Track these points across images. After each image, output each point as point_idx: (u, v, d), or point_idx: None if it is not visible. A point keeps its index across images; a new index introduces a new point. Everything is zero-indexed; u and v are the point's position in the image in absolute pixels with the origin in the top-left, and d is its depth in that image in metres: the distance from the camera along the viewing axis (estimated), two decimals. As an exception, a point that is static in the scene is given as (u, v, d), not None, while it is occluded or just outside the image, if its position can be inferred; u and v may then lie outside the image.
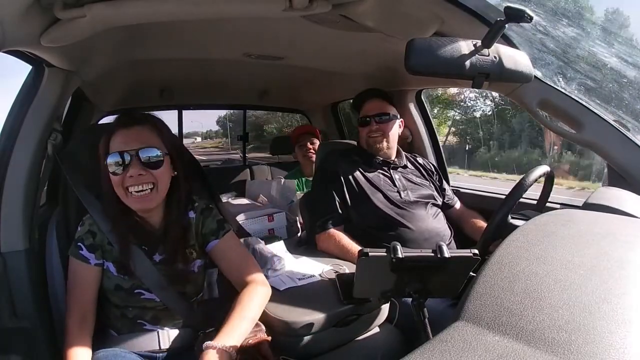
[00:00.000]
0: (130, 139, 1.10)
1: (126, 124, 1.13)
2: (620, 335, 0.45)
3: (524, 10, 0.94)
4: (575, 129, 1.26)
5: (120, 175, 1.08)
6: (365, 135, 1.84)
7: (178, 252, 1.17)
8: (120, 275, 1.14)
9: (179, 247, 1.18)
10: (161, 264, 1.17)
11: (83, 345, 1.07)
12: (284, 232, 2.05)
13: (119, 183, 1.09)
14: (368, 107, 1.86)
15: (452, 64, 0.99)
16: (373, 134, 1.82)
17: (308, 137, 2.87)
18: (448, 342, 0.46)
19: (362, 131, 1.86)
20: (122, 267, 1.14)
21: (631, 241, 0.67)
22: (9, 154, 1.17)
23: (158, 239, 1.18)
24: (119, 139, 1.10)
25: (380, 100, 1.87)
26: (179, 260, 1.17)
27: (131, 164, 1.08)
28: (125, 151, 1.08)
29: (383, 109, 1.84)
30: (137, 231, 1.16)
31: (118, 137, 1.11)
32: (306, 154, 2.83)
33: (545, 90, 1.26)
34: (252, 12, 1.14)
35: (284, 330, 1.14)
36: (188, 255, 1.20)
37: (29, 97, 1.21)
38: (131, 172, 1.07)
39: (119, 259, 1.14)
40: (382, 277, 0.98)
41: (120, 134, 1.11)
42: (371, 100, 1.88)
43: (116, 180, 1.09)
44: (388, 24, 1.30)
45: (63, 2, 0.96)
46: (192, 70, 2.28)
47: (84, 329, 1.09)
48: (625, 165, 1.21)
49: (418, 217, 1.69)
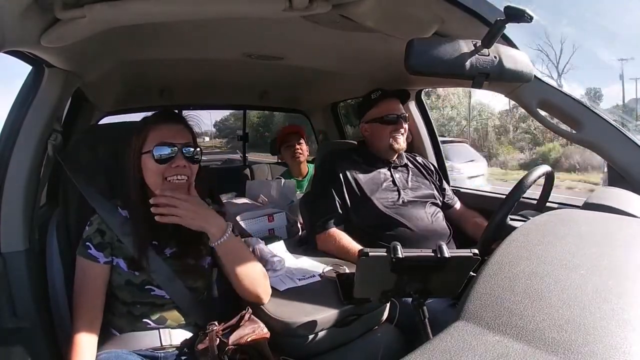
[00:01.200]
0: (174, 134, 1.17)
1: (169, 120, 1.21)
2: (620, 335, 0.45)
3: (524, 10, 0.95)
4: (576, 129, 1.26)
5: (165, 165, 1.14)
6: (388, 133, 1.81)
7: (191, 246, 1.22)
8: (131, 271, 1.16)
9: (192, 241, 1.22)
10: (172, 258, 1.20)
11: (90, 346, 1.09)
12: (284, 232, 2.05)
13: (160, 172, 1.15)
14: (391, 106, 1.84)
15: (452, 64, 0.99)
16: (399, 132, 1.81)
17: (294, 137, 2.85)
18: (448, 341, 0.46)
19: (383, 129, 1.82)
20: (133, 263, 1.16)
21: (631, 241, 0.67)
22: (9, 155, 1.17)
23: (170, 233, 1.21)
24: (165, 132, 1.17)
25: (398, 101, 1.87)
26: (191, 255, 1.22)
27: (177, 156, 1.15)
28: (173, 144, 1.15)
29: (403, 109, 1.86)
30: (153, 226, 1.19)
31: (163, 131, 1.17)
32: (294, 155, 2.82)
33: (545, 90, 1.26)
34: (252, 12, 1.14)
35: (284, 331, 1.15)
36: (200, 250, 1.24)
37: (28, 98, 1.21)
38: (177, 162, 1.15)
39: (130, 255, 1.16)
40: (382, 277, 0.98)
41: (165, 129, 1.17)
42: (392, 99, 1.86)
43: (159, 169, 1.15)
44: (388, 24, 1.30)
45: (63, 2, 0.96)
46: (192, 70, 2.28)
47: (92, 330, 1.11)
48: (625, 165, 1.21)
49: (418, 217, 1.69)
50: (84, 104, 1.98)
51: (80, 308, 1.12)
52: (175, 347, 1.17)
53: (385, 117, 1.82)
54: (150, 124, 1.19)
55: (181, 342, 1.18)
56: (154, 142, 1.15)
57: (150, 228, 1.18)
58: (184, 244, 1.22)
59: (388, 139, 1.82)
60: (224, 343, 1.07)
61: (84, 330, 1.09)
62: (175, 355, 1.17)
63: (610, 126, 1.21)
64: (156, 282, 1.17)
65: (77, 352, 1.06)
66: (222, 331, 1.10)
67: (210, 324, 1.12)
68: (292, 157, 2.84)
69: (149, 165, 1.16)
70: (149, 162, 1.15)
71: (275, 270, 1.40)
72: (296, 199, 2.31)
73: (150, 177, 1.16)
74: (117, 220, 1.18)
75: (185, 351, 1.17)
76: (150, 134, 1.17)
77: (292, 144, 2.82)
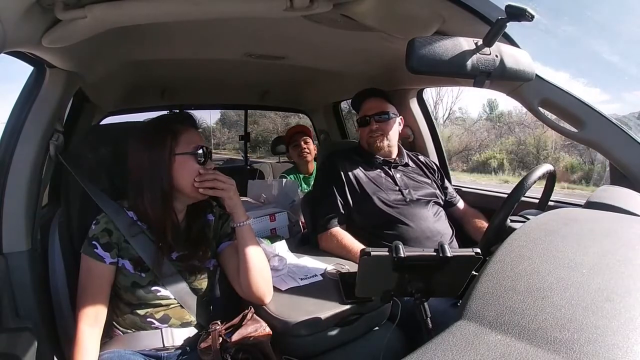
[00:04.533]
0: (200, 137, 1.24)
1: (195, 125, 1.26)
2: (623, 334, 0.45)
3: (525, 8, 0.94)
4: (577, 128, 1.25)
5: (201, 165, 1.19)
6: (365, 135, 1.84)
7: (198, 248, 1.24)
8: (137, 272, 1.16)
9: (199, 243, 1.25)
10: (179, 260, 1.22)
11: (93, 346, 1.09)
12: (286, 232, 2.05)
13: (196, 172, 1.18)
14: (367, 106, 1.86)
15: (454, 63, 0.99)
16: (373, 133, 1.81)
17: (301, 136, 2.93)
18: (450, 341, 0.46)
19: (362, 131, 1.86)
20: (138, 264, 1.16)
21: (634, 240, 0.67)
22: (10, 155, 1.17)
23: (179, 235, 1.22)
24: (195, 135, 1.22)
25: (378, 100, 1.87)
26: (197, 256, 1.23)
27: (209, 157, 1.22)
28: (205, 146, 1.21)
29: (382, 108, 1.84)
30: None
31: (193, 135, 1.22)
32: (301, 154, 2.90)
33: (547, 88, 1.26)
34: (253, 12, 1.14)
35: (286, 330, 1.15)
36: (206, 252, 1.26)
37: (30, 98, 1.21)
38: (210, 164, 1.22)
39: (136, 256, 1.17)
40: (384, 276, 0.98)
41: (193, 133, 1.22)
42: (370, 99, 1.88)
43: (197, 169, 1.18)
44: (389, 24, 1.30)
45: (63, 3, 0.96)
46: (193, 70, 2.28)
47: (95, 329, 1.11)
48: (627, 164, 1.20)
49: (420, 216, 1.69)
50: (85, 104, 1.98)
51: (84, 307, 1.12)
52: (177, 346, 1.18)
53: (360, 119, 1.87)
54: (180, 126, 1.21)
55: (183, 341, 1.18)
56: (191, 144, 1.18)
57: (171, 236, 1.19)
58: (193, 245, 1.23)
59: (365, 140, 1.85)
60: (227, 342, 1.07)
61: (87, 330, 1.09)
62: (177, 354, 1.18)
63: (612, 125, 1.21)
64: (162, 282, 1.17)
65: (80, 352, 1.06)
66: (225, 330, 1.10)
67: (213, 324, 1.12)
68: (299, 155, 2.92)
69: (187, 166, 1.18)
70: (189, 162, 1.18)
71: (278, 269, 1.40)
72: (298, 198, 2.31)
73: (187, 178, 1.18)
74: (124, 222, 1.18)
75: (187, 350, 1.18)
76: (182, 136, 1.19)
77: (299, 143, 2.90)
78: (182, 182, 1.18)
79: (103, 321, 1.14)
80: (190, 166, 1.18)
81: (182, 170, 1.17)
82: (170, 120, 1.24)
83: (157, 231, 1.18)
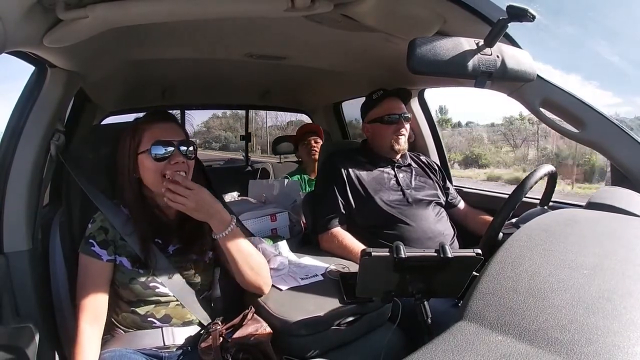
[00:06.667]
0: (168, 133, 1.19)
1: (162, 119, 1.22)
2: (624, 334, 0.45)
3: (526, 8, 0.94)
4: (578, 128, 1.25)
5: (163, 162, 1.16)
6: (390, 133, 1.80)
7: (194, 242, 1.23)
8: (135, 268, 1.17)
9: (195, 237, 1.24)
10: (175, 255, 1.22)
11: (94, 345, 1.09)
12: (287, 232, 2.05)
13: (159, 170, 1.16)
14: (392, 105, 1.83)
15: (455, 64, 0.99)
16: (400, 132, 1.80)
17: (312, 135, 2.91)
18: (451, 341, 0.46)
19: (384, 129, 1.82)
20: (136, 261, 1.17)
21: (634, 241, 0.67)
22: (11, 155, 1.18)
23: (173, 230, 1.23)
24: (159, 132, 1.18)
25: (398, 100, 1.86)
26: (194, 250, 1.23)
27: (174, 153, 1.17)
28: (170, 142, 1.17)
29: (403, 108, 1.84)
30: (154, 224, 1.21)
31: (156, 130, 1.18)
32: (310, 152, 2.87)
33: (548, 89, 1.26)
34: (254, 12, 1.14)
35: (286, 330, 1.14)
36: (202, 245, 1.25)
37: (31, 98, 1.21)
38: (175, 159, 1.17)
39: (133, 253, 1.17)
40: (385, 276, 0.98)
41: (159, 128, 1.19)
42: (393, 98, 1.85)
43: (158, 167, 1.16)
44: (390, 24, 1.30)
45: (65, 2, 0.96)
46: (194, 70, 2.29)
47: (95, 328, 1.11)
48: (628, 165, 1.20)
49: (421, 217, 1.68)
50: (86, 104, 1.99)
51: (84, 306, 1.12)
52: (178, 346, 1.18)
53: (386, 117, 1.81)
54: (144, 124, 1.20)
55: (184, 341, 1.18)
56: (150, 141, 1.16)
57: (152, 226, 1.19)
58: (188, 239, 1.23)
59: (389, 139, 1.81)
60: (227, 342, 1.07)
61: (87, 329, 1.09)
62: (178, 354, 1.18)
63: (614, 125, 1.21)
64: (160, 279, 1.17)
65: (81, 351, 1.07)
66: (225, 330, 1.10)
67: (214, 323, 1.12)
68: (308, 154, 2.89)
69: (147, 164, 1.17)
70: (147, 161, 1.16)
71: (278, 269, 1.40)
72: (299, 198, 2.31)
73: (149, 176, 1.17)
74: (119, 219, 1.19)
75: (188, 350, 1.18)
76: (145, 133, 1.18)
77: (309, 142, 2.88)
78: (148, 181, 1.19)
79: (103, 319, 1.14)
80: (148, 164, 1.17)
81: (143, 169, 1.18)
82: (138, 119, 1.25)
83: (140, 227, 1.18)
